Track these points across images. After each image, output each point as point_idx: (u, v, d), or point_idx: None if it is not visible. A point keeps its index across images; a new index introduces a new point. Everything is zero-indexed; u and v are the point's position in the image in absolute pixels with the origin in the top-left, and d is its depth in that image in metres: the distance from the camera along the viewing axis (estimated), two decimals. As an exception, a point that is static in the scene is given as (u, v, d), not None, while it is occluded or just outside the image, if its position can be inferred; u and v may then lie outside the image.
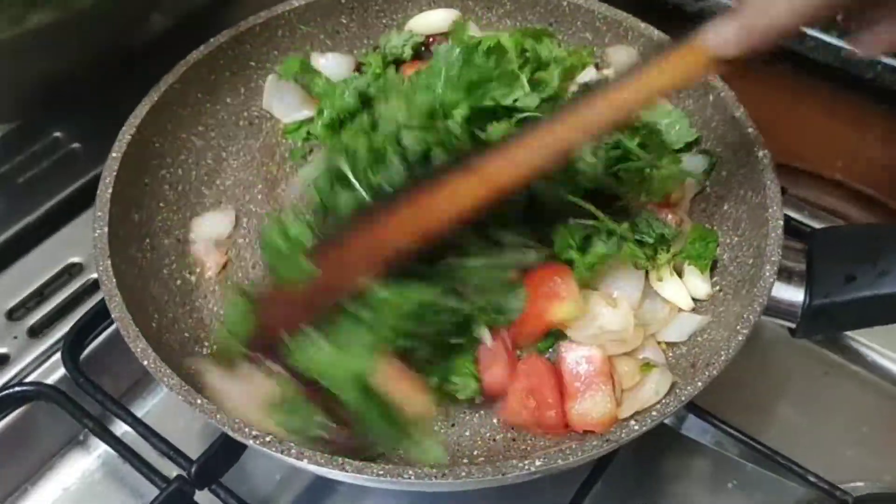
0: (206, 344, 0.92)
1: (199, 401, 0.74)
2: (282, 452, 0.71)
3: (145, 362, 0.77)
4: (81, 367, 0.92)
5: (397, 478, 0.69)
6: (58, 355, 0.96)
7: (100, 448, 1.00)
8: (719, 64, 0.69)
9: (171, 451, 0.85)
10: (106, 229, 0.86)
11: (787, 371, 1.07)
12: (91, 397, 0.90)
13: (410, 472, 0.70)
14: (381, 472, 0.70)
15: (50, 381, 0.97)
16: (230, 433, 0.73)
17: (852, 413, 1.04)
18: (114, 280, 0.82)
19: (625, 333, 0.86)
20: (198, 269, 0.98)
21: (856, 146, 1.36)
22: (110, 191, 0.90)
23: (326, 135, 1.02)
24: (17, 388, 0.94)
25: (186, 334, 0.91)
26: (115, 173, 0.92)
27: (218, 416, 0.73)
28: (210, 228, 1.01)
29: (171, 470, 0.85)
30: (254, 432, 0.72)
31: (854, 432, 1.02)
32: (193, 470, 0.83)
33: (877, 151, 1.34)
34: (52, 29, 0.91)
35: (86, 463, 1.00)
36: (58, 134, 1.17)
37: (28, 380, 0.97)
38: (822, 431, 1.02)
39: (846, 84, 1.22)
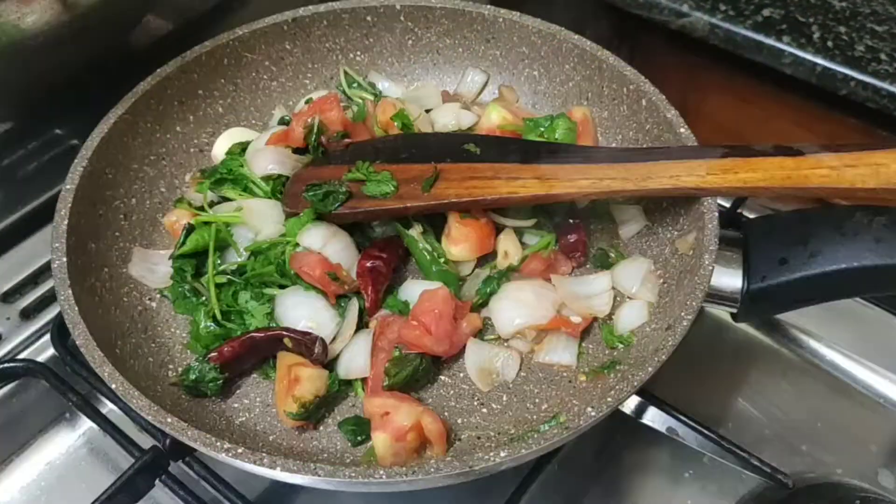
0: (171, 367, 0.93)
1: (168, 419, 0.76)
2: (254, 463, 0.73)
3: (113, 385, 0.78)
4: (69, 347, 0.97)
5: (368, 479, 0.72)
6: (47, 336, 1.02)
7: (84, 426, 1.04)
8: None
9: (149, 426, 0.88)
10: (65, 259, 0.88)
11: (748, 372, 1.12)
12: (77, 374, 0.95)
13: (381, 473, 0.72)
14: (353, 475, 0.72)
15: (40, 359, 1.02)
16: (201, 449, 0.75)
17: (808, 411, 1.08)
18: (76, 308, 0.84)
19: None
20: (157, 296, 0.99)
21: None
22: (66, 222, 0.91)
23: None
24: (7, 364, 0.99)
25: (150, 359, 0.92)
26: (69, 205, 0.93)
27: (188, 433, 0.75)
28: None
29: (149, 444, 0.89)
30: (225, 445, 0.74)
31: (809, 429, 1.07)
32: (168, 442, 0.86)
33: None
34: (51, 32, 0.93)
35: (70, 440, 1.04)
36: (58, 131, 1.21)
37: (19, 357, 1.02)
38: (779, 427, 1.06)
39: (823, 99, 1.26)
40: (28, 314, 1.08)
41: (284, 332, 0.89)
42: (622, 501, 1.00)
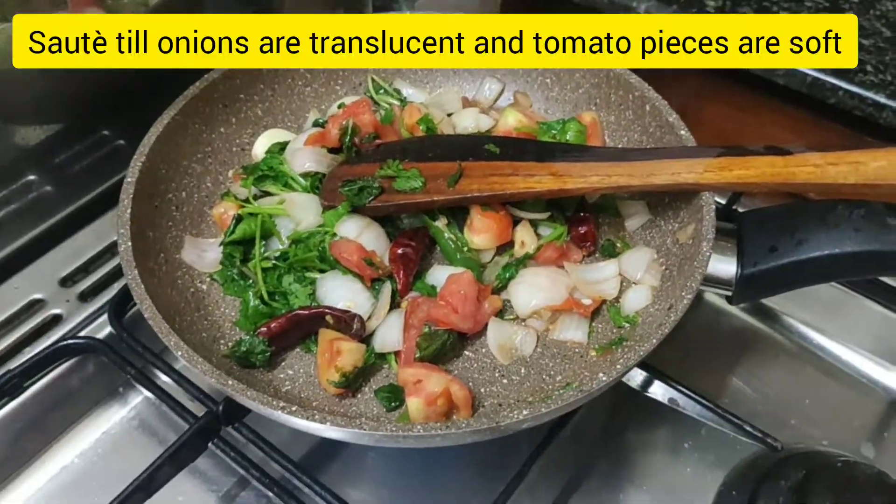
0: (222, 342, 1.03)
1: (230, 381, 0.86)
2: (307, 419, 0.83)
3: (178, 353, 0.88)
4: (125, 325, 1.08)
5: (408, 433, 0.81)
6: (104, 317, 1.13)
7: (134, 401, 1.15)
8: None
9: (201, 395, 1.01)
10: (130, 244, 0.98)
11: (743, 354, 1.22)
12: (133, 350, 1.06)
13: (419, 427, 0.82)
14: (395, 429, 0.82)
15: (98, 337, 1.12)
16: (259, 408, 0.85)
17: (797, 390, 1.18)
18: (142, 286, 0.94)
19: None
20: (207, 280, 1.09)
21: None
22: (129, 211, 1.01)
23: None
24: (71, 341, 1.10)
25: (204, 334, 1.02)
26: (131, 196, 1.03)
27: (248, 393, 0.85)
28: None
29: (201, 412, 0.99)
30: (281, 404, 0.84)
31: (798, 405, 1.17)
32: (220, 408, 0.97)
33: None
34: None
35: (121, 413, 1.14)
36: (105, 132, 1.33)
37: (80, 335, 1.13)
38: (771, 404, 1.16)
39: (812, 108, 1.33)
40: (85, 297, 1.19)
41: (327, 311, 1.00)
42: (628, 470, 1.09)
